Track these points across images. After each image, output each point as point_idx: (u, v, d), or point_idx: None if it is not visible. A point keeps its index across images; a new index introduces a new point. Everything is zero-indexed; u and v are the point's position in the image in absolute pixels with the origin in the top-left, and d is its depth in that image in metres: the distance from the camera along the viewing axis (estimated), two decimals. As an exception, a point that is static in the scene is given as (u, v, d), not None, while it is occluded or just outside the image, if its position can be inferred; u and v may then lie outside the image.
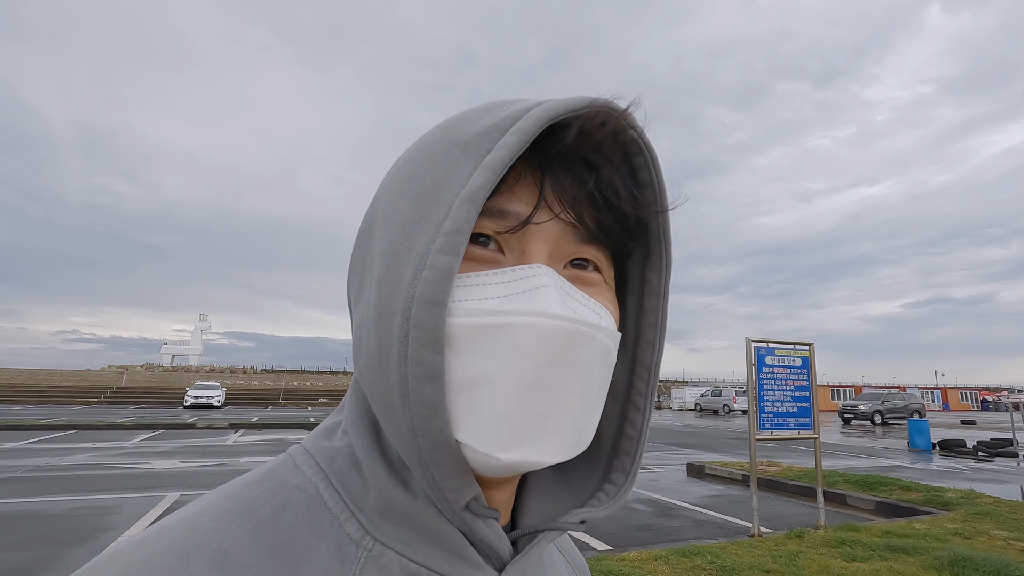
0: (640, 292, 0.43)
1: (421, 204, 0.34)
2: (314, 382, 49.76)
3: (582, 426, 0.36)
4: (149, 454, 11.77)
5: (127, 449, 12.54)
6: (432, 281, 0.31)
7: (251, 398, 39.22)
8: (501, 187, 0.35)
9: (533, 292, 0.34)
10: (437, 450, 0.33)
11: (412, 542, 0.36)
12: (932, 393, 57.36)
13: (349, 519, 0.36)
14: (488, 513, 0.36)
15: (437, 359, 0.32)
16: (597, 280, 0.40)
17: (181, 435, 16.07)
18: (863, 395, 30.13)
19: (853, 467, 10.94)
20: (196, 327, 68.24)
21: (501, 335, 0.32)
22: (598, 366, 0.35)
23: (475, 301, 0.33)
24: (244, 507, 0.35)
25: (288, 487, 0.37)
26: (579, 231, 0.37)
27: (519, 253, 0.36)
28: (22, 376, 40.72)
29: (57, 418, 20.26)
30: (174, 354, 64.06)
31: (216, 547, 0.32)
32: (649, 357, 0.43)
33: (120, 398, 35.85)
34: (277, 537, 0.34)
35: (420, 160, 0.37)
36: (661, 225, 0.41)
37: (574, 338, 0.33)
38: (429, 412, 0.32)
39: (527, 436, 0.33)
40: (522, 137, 0.33)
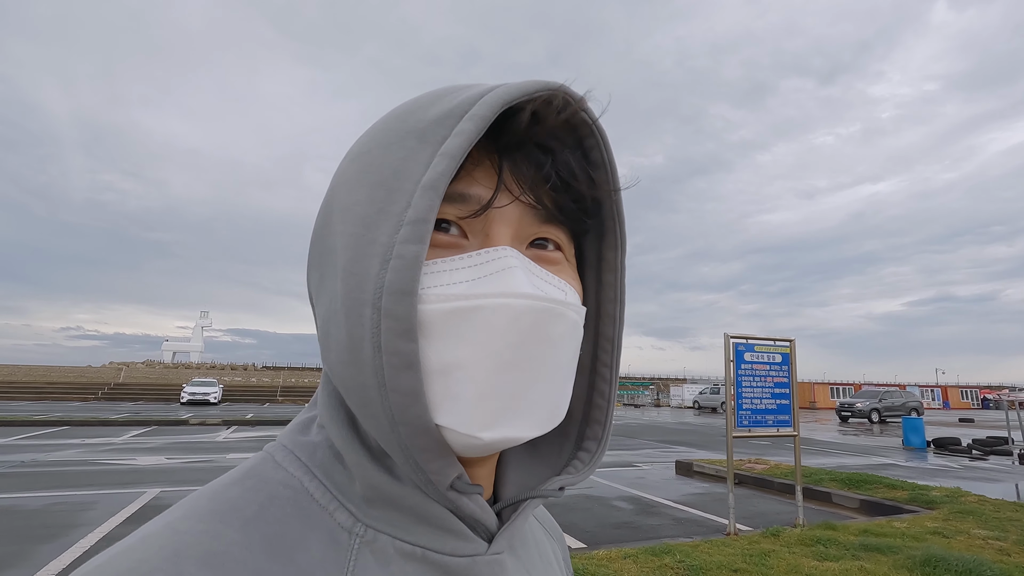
0: (598, 268, 0.45)
1: (381, 194, 0.34)
2: (312, 379, 49.78)
3: (557, 400, 0.37)
4: (136, 450, 11.76)
5: (115, 445, 12.53)
6: (400, 271, 0.32)
7: (249, 395, 39.27)
8: (460, 173, 0.36)
9: (500, 274, 0.34)
10: (418, 436, 0.33)
11: (402, 524, 0.37)
12: (932, 391, 57.19)
13: (338, 508, 0.37)
14: (472, 489, 0.37)
15: (412, 347, 0.32)
16: (559, 258, 0.41)
17: (172, 432, 16.07)
18: (861, 393, 30.06)
19: (844, 465, 10.88)
20: (197, 324, 68.59)
21: (473, 318, 0.33)
22: (568, 341, 0.37)
23: (444, 287, 0.34)
24: (229, 506, 0.35)
25: (271, 483, 0.37)
26: (539, 212, 0.39)
27: (483, 237, 0.37)
28: (20, 372, 40.81)
29: (51, 414, 20.31)
30: (175, 351, 64.36)
31: (206, 547, 0.31)
32: (611, 330, 0.45)
33: (118, 394, 35.93)
34: (267, 531, 0.34)
35: (376, 150, 0.37)
36: (614, 204, 0.42)
37: (544, 316, 0.34)
38: (408, 400, 0.32)
39: (506, 414, 0.34)
40: (478, 123, 0.33)
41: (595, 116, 0.39)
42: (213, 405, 30.42)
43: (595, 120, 0.39)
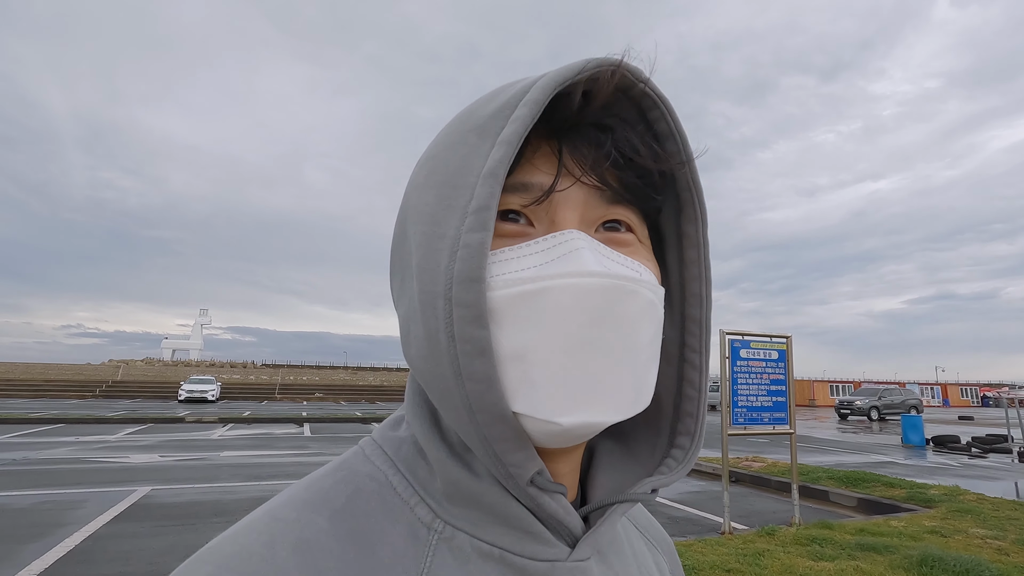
0: (679, 246, 0.43)
1: (447, 192, 0.35)
2: (311, 377, 49.75)
3: (638, 384, 0.36)
4: (130, 448, 11.70)
5: (109, 443, 12.47)
6: (467, 259, 0.32)
7: (247, 392, 39.25)
8: (521, 162, 0.36)
9: (567, 255, 0.34)
10: (496, 424, 0.33)
11: (481, 523, 0.37)
12: (932, 389, 57.12)
13: (419, 503, 0.38)
14: (554, 487, 0.36)
15: (483, 333, 0.32)
16: (631, 240, 0.39)
17: (168, 429, 16.02)
18: (860, 391, 29.96)
19: (843, 463, 10.80)
20: (196, 322, 68.59)
21: (541, 300, 0.33)
22: (644, 321, 0.35)
23: (512, 273, 0.34)
24: (321, 496, 0.37)
25: (359, 476, 0.39)
26: (604, 193, 0.38)
27: (548, 223, 0.37)
28: (18, 370, 40.75)
29: (47, 412, 20.25)
30: (175, 348, 64.34)
31: (298, 535, 0.34)
32: (698, 311, 0.42)
33: (116, 392, 35.89)
34: (353, 524, 0.36)
35: (440, 152, 0.37)
36: (689, 175, 0.40)
37: (614, 293, 0.33)
38: (483, 387, 0.32)
39: (584, 397, 0.33)
40: (533, 107, 0.34)
41: (656, 87, 0.38)
42: (211, 403, 30.44)
43: (657, 91, 0.38)
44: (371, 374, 54.94)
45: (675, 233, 0.43)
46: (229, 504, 6.78)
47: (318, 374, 52.04)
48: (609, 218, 0.39)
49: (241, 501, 6.95)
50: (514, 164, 0.35)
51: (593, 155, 0.37)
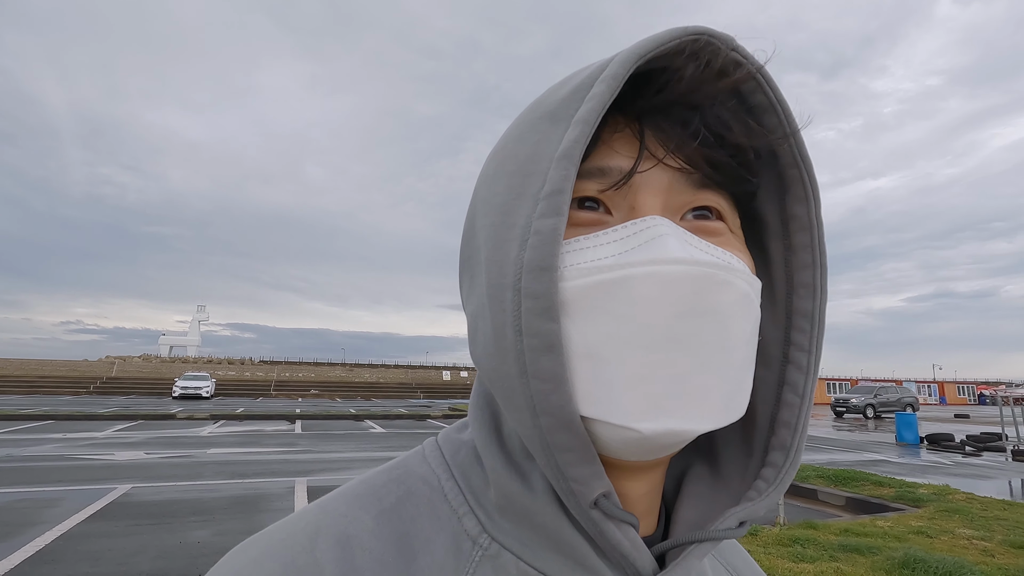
0: (783, 232, 0.38)
1: (517, 181, 0.33)
2: (306, 373, 49.71)
3: (731, 388, 0.32)
4: (116, 445, 11.61)
5: (96, 440, 12.38)
6: (538, 247, 0.30)
7: (242, 389, 39.22)
8: (598, 145, 0.34)
9: (650, 243, 0.31)
10: (560, 431, 0.30)
11: (532, 544, 0.34)
12: (929, 387, 57.22)
13: (467, 514, 0.36)
14: (622, 516, 0.32)
15: (552, 327, 0.30)
16: (721, 228, 0.36)
17: (158, 426, 15.93)
18: (856, 388, 29.96)
19: (835, 461, 10.73)
20: (194, 318, 68.62)
21: (620, 291, 0.30)
22: (738, 317, 0.32)
23: (588, 263, 0.31)
24: (372, 493, 0.36)
25: (413, 477, 0.38)
26: (691, 176, 0.34)
27: (627, 211, 0.34)
28: (12, 366, 40.59)
29: (38, 408, 20.16)
30: (172, 345, 64.39)
31: (342, 529, 0.34)
32: (809, 304, 0.37)
33: (110, 388, 35.81)
34: (398, 526, 0.35)
35: (510, 143, 0.36)
36: (795, 149, 0.36)
37: (704, 283, 0.30)
38: (550, 387, 0.30)
39: (667, 401, 0.30)
40: (611, 83, 0.31)
41: (750, 55, 0.33)
42: (205, 399, 30.39)
43: (751, 60, 0.33)
44: (367, 371, 54.91)
45: (778, 217, 0.38)
46: (208, 502, 6.69)
47: (314, 371, 51.98)
48: (697, 204, 0.35)
49: (221, 499, 6.86)
50: (589, 148, 0.33)
51: (678, 134, 0.33)
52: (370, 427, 17.23)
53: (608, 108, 0.32)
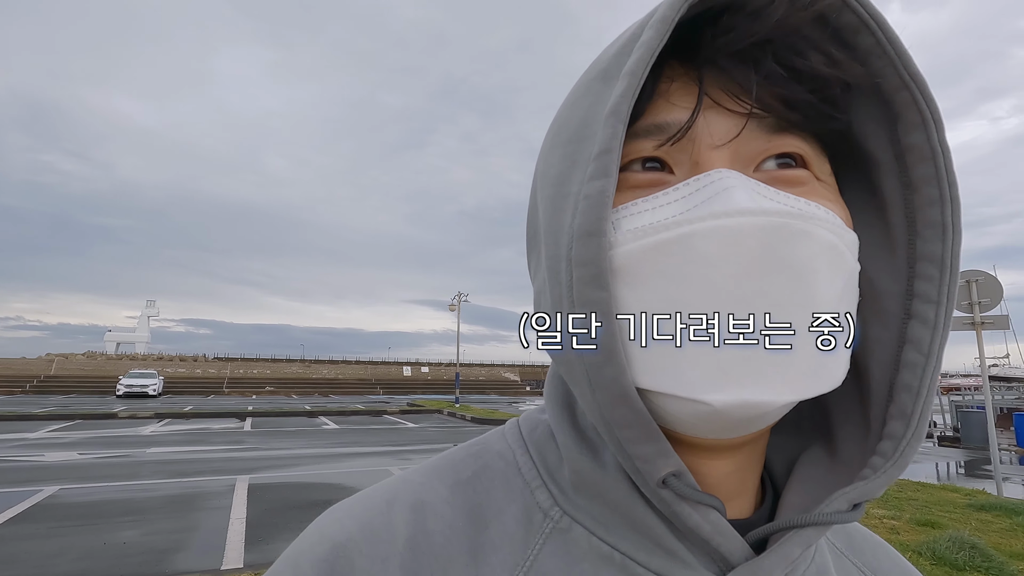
0: (899, 167, 0.32)
1: (572, 148, 0.31)
2: (262, 370, 48.39)
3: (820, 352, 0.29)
4: (48, 446, 11.07)
5: (27, 441, 11.77)
6: (586, 212, 0.28)
7: (193, 387, 37.93)
8: (655, 99, 0.31)
9: (714, 197, 0.28)
10: (617, 406, 0.28)
11: (605, 521, 0.33)
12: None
13: (540, 487, 0.36)
14: (699, 497, 0.30)
15: (602, 295, 0.28)
16: (803, 177, 0.32)
17: (97, 425, 15.24)
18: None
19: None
20: (143, 313, 65.98)
21: (680, 250, 0.28)
22: (823, 270, 0.28)
23: (646, 226, 0.29)
24: (450, 466, 0.37)
25: (490, 452, 0.38)
26: (764, 121, 0.31)
27: (691, 167, 0.31)
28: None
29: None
30: (119, 341, 61.67)
31: (418, 496, 0.35)
32: (938, 247, 0.31)
33: (49, 387, 34.06)
34: (472, 497, 0.35)
35: (565, 111, 0.34)
36: (901, 69, 0.30)
37: (777, 235, 0.27)
38: (601, 358, 0.28)
39: (740, 370, 0.27)
40: (660, 27, 0.28)
41: None
42: (152, 398, 29.23)
43: None
44: (326, 367, 53.89)
45: (891, 151, 0.32)
46: (143, 502, 6.49)
47: (270, 367, 50.64)
48: (773, 152, 0.31)
49: (155, 499, 6.65)
50: (647, 104, 0.31)
51: (743, 74, 0.30)
52: (323, 423, 16.95)
53: (667, 58, 0.30)
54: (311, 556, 0.33)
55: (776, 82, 0.30)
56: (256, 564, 4.45)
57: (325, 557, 0.32)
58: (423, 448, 11.56)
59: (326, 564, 0.32)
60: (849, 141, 0.34)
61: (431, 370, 56.56)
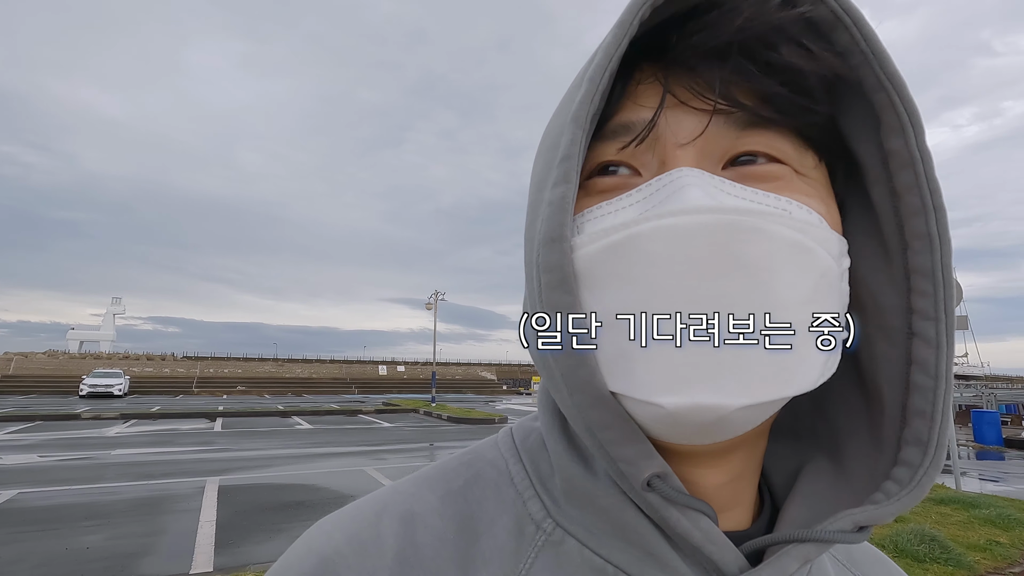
0: (885, 172, 0.31)
1: (549, 156, 0.32)
2: (233, 369, 47.34)
3: (780, 356, 0.27)
4: (6, 448, 10.63)
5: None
6: (549, 218, 0.29)
7: (161, 386, 36.96)
8: (623, 101, 0.31)
9: (669, 197, 0.28)
10: (595, 408, 0.28)
11: (598, 532, 0.32)
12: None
13: (532, 498, 0.35)
14: (687, 502, 0.29)
15: (568, 299, 0.28)
16: (779, 172, 0.30)
17: (59, 427, 14.72)
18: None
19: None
20: (108, 311, 63.86)
21: (630, 252, 0.27)
22: (783, 268, 0.27)
23: (604, 229, 0.29)
24: (441, 476, 0.37)
25: (482, 461, 0.38)
26: (732, 117, 0.30)
27: (657, 168, 0.30)
28: None
29: (-83, 410, 18.14)
30: (82, 340, 59.55)
31: (407, 507, 0.35)
32: (927, 259, 0.30)
33: (7, 387, 32.75)
34: (463, 507, 0.35)
35: (552, 117, 0.35)
36: (878, 70, 0.29)
37: (727, 233, 0.26)
38: (574, 361, 0.28)
39: (692, 372, 0.26)
40: (618, 31, 0.28)
41: None
42: (118, 398, 28.36)
43: None
44: (299, 366, 53.05)
45: (877, 156, 0.31)
46: (107, 506, 6.29)
47: (241, 366, 49.58)
48: (743, 149, 0.30)
49: (122, 502, 6.46)
50: (616, 107, 0.31)
51: (708, 71, 0.29)
52: (297, 423, 16.69)
53: (640, 60, 0.30)
54: (298, 570, 0.32)
55: (745, 77, 0.29)
56: (226, 567, 4.37)
57: (311, 571, 0.32)
58: (399, 448, 11.48)
59: None
60: (831, 140, 0.33)
61: (407, 369, 56.16)
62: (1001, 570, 4.33)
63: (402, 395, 36.20)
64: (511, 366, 67.25)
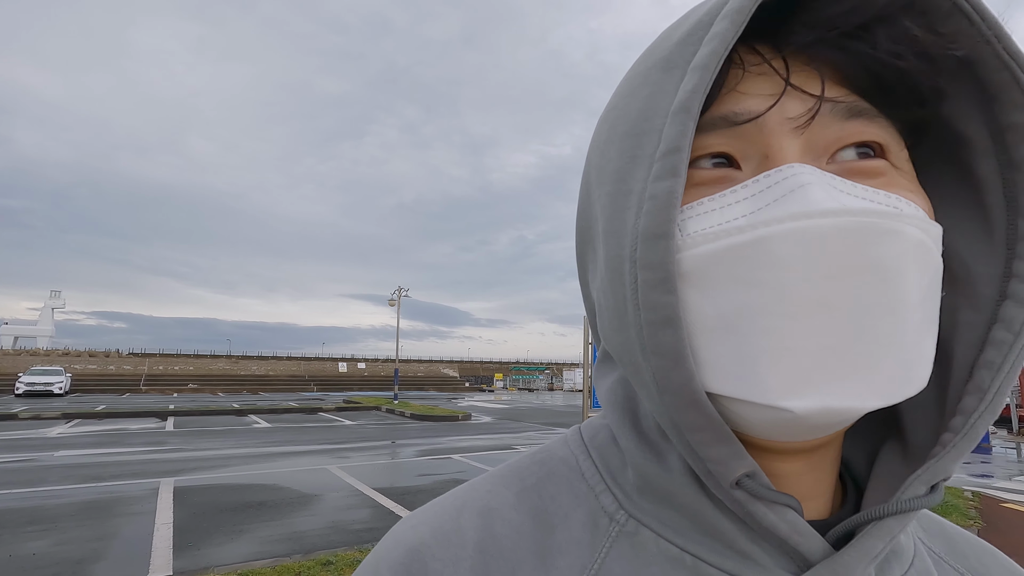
0: (996, 147, 0.30)
1: (631, 143, 0.30)
2: (184, 366, 45.54)
3: (905, 355, 0.27)
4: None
5: (-92, 446, 10.51)
6: (652, 213, 0.27)
7: (106, 384, 35.21)
8: (722, 91, 0.29)
9: (788, 195, 0.27)
10: (686, 410, 0.28)
11: (673, 524, 0.33)
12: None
13: (604, 492, 0.36)
14: (775, 497, 0.29)
15: (670, 299, 0.27)
16: (882, 168, 0.30)
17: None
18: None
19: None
20: (47, 305, 60.36)
21: (756, 254, 0.26)
22: (911, 272, 0.27)
23: (716, 227, 0.28)
24: (515, 473, 0.38)
25: (554, 459, 0.39)
26: (839, 106, 0.29)
27: (760, 161, 0.29)
28: None
29: None
30: (17, 335, 56.06)
31: (485, 502, 0.36)
32: None
33: (-67, 386, 30.50)
34: (538, 503, 0.36)
35: (621, 101, 0.33)
36: (1001, 51, 0.28)
37: (862, 235, 0.26)
38: (669, 363, 0.27)
39: (823, 375, 0.26)
40: (736, 18, 0.27)
41: None
42: (58, 396, 26.91)
43: None
44: (256, 363, 51.46)
45: (986, 130, 0.31)
46: (51, 510, 5.97)
47: (193, 363, 47.69)
48: (849, 141, 0.29)
49: (69, 506, 6.14)
50: (714, 95, 0.29)
51: (822, 57, 0.28)
52: (254, 422, 16.21)
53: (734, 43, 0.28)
54: (388, 561, 0.34)
55: (864, 62, 0.28)
56: (187, 570, 4.22)
57: (401, 560, 0.34)
58: (362, 446, 11.31)
59: (402, 567, 0.34)
60: (931, 123, 0.32)
61: (368, 366, 55.27)
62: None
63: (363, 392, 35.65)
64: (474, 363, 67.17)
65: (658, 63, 0.30)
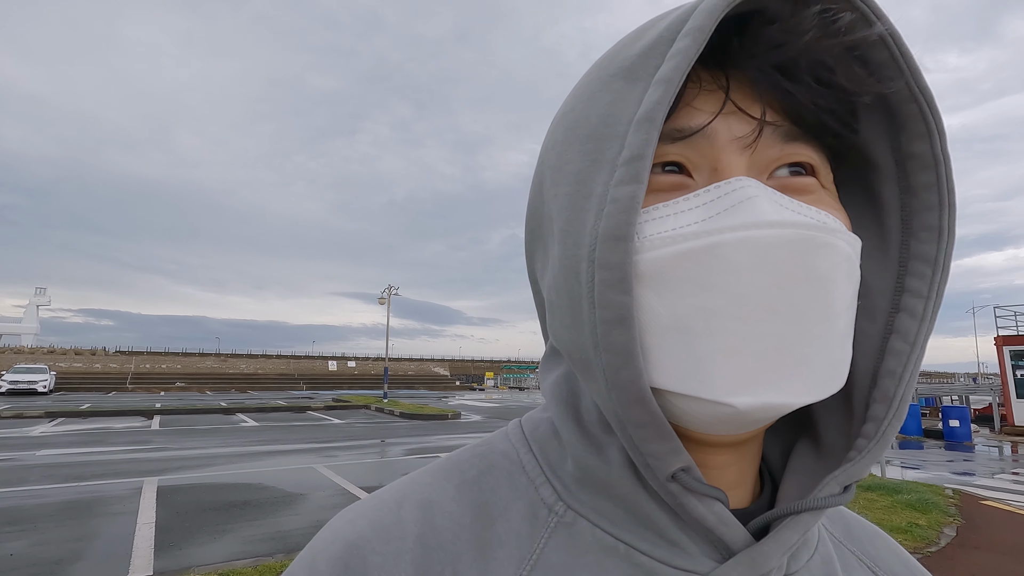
0: (900, 174, 0.34)
1: (592, 146, 0.31)
2: (172, 364, 45.12)
3: (832, 357, 0.30)
4: (-87, 450, 9.77)
5: None
6: (614, 215, 0.29)
7: (92, 383, 34.78)
8: (680, 107, 0.32)
9: (738, 206, 0.29)
10: (632, 406, 0.30)
11: (609, 514, 0.34)
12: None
13: (544, 484, 0.37)
14: (705, 490, 0.31)
15: (625, 300, 0.29)
16: (812, 185, 0.33)
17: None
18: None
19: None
20: (31, 302, 59.73)
21: (710, 259, 0.28)
22: (840, 280, 0.30)
23: (671, 231, 0.30)
24: (456, 467, 0.39)
25: (495, 452, 0.40)
26: (780, 129, 0.32)
27: (709, 172, 0.32)
28: None
29: None
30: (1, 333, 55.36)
31: (426, 495, 0.37)
32: (932, 248, 0.33)
33: (-86, 384, 29.97)
34: (478, 495, 0.37)
35: (580, 104, 0.34)
36: (913, 85, 0.31)
37: (803, 246, 0.28)
38: (620, 361, 0.29)
39: (764, 374, 0.28)
40: (697, 36, 0.29)
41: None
42: (42, 395, 26.58)
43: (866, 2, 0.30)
44: (244, 361, 51.09)
45: (891, 157, 0.34)
46: (32, 510, 5.89)
47: (181, 362, 47.28)
48: (787, 160, 0.32)
49: (47, 506, 6.06)
50: (672, 108, 0.31)
51: (769, 84, 0.31)
52: (241, 421, 16.09)
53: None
54: (326, 555, 0.34)
55: (801, 92, 0.31)
56: (168, 571, 4.18)
57: (339, 555, 0.34)
58: (350, 445, 11.26)
59: (340, 562, 0.33)
60: (849, 149, 0.36)
61: (358, 365, 55.07)
62: (920, 550, 4.69)
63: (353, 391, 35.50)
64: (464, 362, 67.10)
65: (620, 72, 0.31)
